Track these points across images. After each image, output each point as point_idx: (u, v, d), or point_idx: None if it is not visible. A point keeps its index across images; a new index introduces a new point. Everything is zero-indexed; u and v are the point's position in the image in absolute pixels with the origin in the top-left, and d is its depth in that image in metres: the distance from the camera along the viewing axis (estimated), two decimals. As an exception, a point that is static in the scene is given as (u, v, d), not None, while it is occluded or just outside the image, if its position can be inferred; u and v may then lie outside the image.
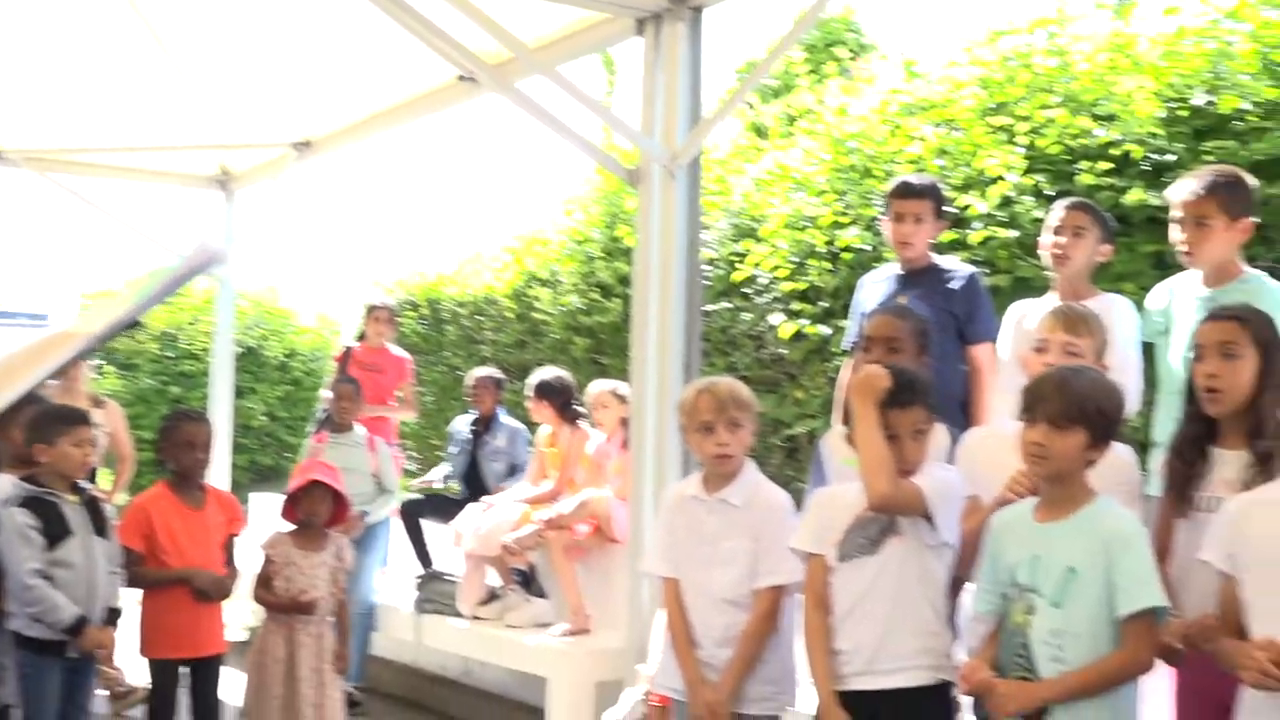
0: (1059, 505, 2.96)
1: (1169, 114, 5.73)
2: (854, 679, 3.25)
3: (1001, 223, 5.87)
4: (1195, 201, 3.97)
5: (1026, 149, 6.07)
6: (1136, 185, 5.50)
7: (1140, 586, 2.81)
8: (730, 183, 8.25)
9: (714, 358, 7.73)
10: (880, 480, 3.20)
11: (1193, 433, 3.12)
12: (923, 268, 4.82)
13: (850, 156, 7.00)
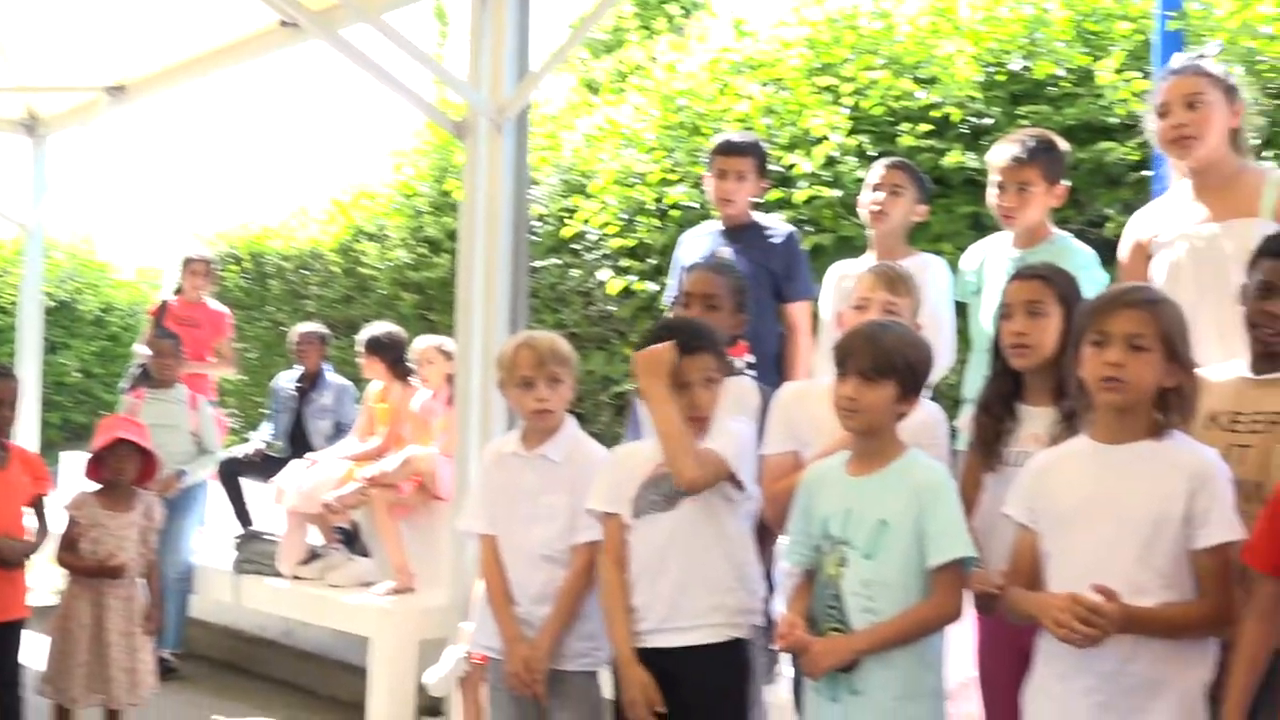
0: (871, 459, 3.00)
1: (987, 78, 5.84)
2: (649, 636, 3.27)
3: (826, 182, 5.93)
4: (1016, 166, 4.07)
5: (851, 110, 6.13)
6: (955, 147, 5.61)
7: (949, 537, 2.89)
8: (561, 138, 8.17)
9: (542, 314, 7.68)
10: (686, 465, 3.22)
11: (1000, 389, 3.19)
12: (743, 225, 4.86)
13: (679, 114, 6.99)
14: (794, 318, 4.81)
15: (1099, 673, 2.63)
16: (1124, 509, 2.66)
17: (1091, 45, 5.67)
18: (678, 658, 3.24)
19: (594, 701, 3.51)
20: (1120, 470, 2.69)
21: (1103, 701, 2.63)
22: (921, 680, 2.94)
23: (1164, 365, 2.65)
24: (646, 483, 3.32)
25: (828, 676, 2.92)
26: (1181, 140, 3.57)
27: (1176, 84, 3.57)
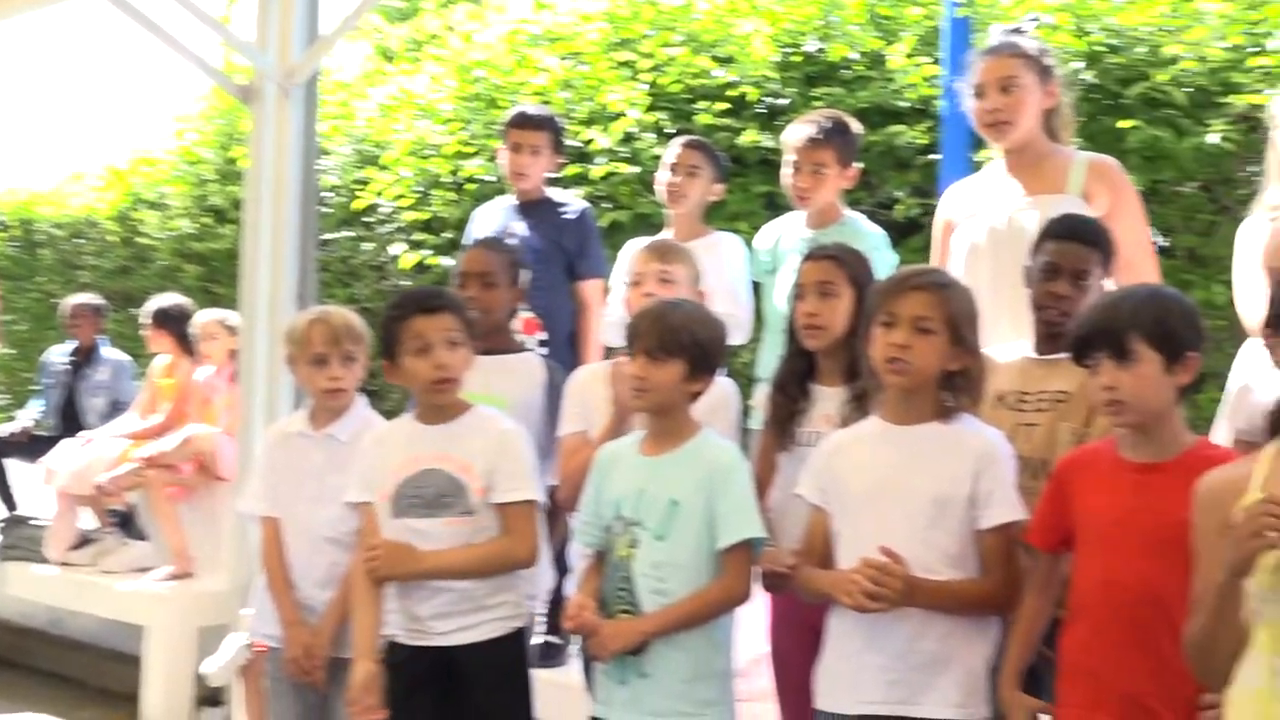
0: (664, 438, 2.98)
1: (783, 59, 5.88)
2: (431, 636, 3.17)
3: (624, 159, 5.90)
4: (811, 147, 4.09)
5: (649, 86, 6.11)
6: (751, 127, 5.64)
7: (739, 518, 2.88)
8: (354, 107, 7.96)
9: (333, 288, 7.48)
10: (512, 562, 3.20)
11: (794, 369, 3.21)
12: (536, 200, 4.79)
13: (476, 85, 6.87)
14: (586, 295, 4.77)
15: (889, 651, 2.67)
16: (911, 490, 2.70)
17: (884, 30, 5.77)
18: (460, 652, 3.16)
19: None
20: (908, 452, 2.73)
21: (893, 679, 2.67)
22: (711, 661, 2.94)
23: (950, 348, 2.69)
24: (407, 481, 3.18)
25: (616, 659, 2.90)
26: (996, 125, 3.63)
27: (991, 66, 3.61)
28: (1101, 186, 3.49)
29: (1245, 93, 4.72)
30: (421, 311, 3.16)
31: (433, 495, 3.14)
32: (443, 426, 3.20)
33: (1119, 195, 3.51)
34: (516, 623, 3.23)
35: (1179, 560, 2.38)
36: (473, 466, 3.14)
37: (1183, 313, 2.50)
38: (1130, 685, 2.43)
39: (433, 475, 3.15)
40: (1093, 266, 3.01)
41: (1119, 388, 2.45)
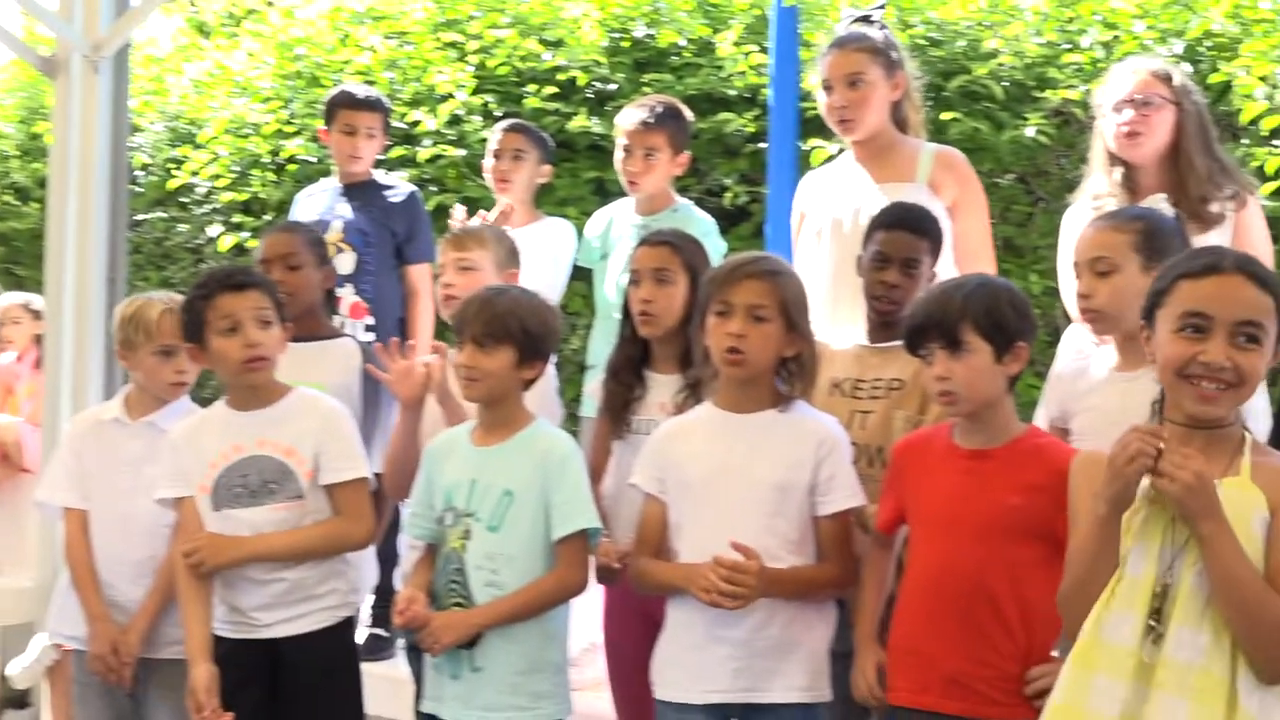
0: (496, 428, 2.94)
1: (612, 44, 5.87)
2: (257, 628, 3.08)
3: (451, 141, 5.81)
4: (644, 131, 4.08)
5: (476, 68, 6.04)
6: (580, 111, 5.62)
7: (574, 508, 2.86)
8: (167, 83, 7.66)
9: (147, 271, 7.22)
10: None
11: (629, 356, 3.21)
12: (362, 183, 4.69)
13: (297, 63, 6.68)
14: (415, 280, 4.68)
15: (733, 639, 2.69)
16: (750, 477, 2.72)
17: (712, 17, 5.80)
18: (287, 644, 3.07)
19: None
20: (746, 439, 2.75)
21: (739, 667, 2.69)
22: (545, 654, 2.91)
23: (784, 335, 2.72)
24: (228, 471, 3.08)
25: (449, 653, 2.85)
26: (843, 121, 3.64)
27: (838, 61, 3.62)
28: (948, 177, 3.54)
29: (1060, 88, 4.88)
30: (228, 289, 3.04)
31: (257, 483, 3.05)
32: (262, 411, 3.10)
33: (965, 187, 3.58)
34: (344, 612, 3.15)
35: (1007, 546, 2.47)
36: (298, 449, 3.05)
37: (1013, 303, 2.55)
38: (956, 667, 2.48)
39: (256, 462, 3.06)
40: (922, 255, 3.06)
41: (951, 378, 2.50)
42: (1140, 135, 3.41)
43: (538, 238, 4.40)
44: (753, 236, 5.38)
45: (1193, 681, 2.06)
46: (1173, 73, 3.50)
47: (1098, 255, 2.79)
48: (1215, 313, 2.11)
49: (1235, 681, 2.06)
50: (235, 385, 3.13)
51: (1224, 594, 2.04)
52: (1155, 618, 2.08)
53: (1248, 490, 2.09)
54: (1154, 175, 3.44)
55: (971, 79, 4.97)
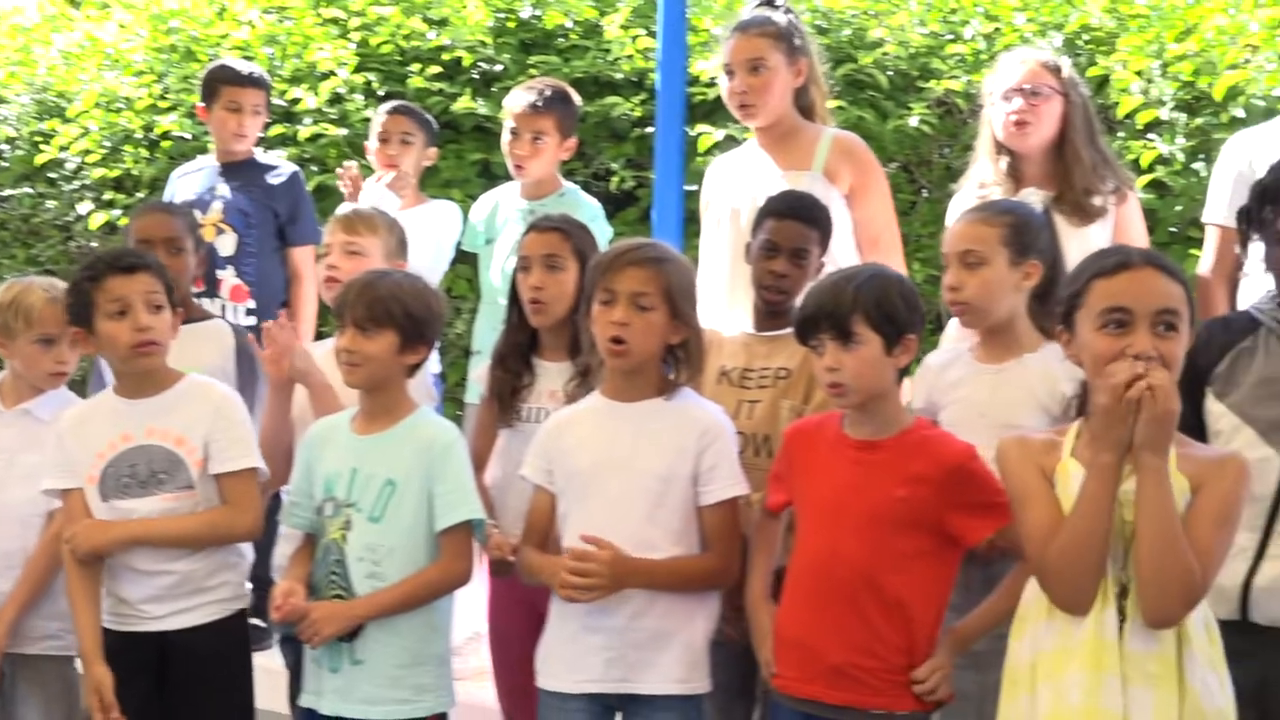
0: (378, 416, 2.89)
1: (498, 24, 5.81)
2: (146, 621, 3.00)
3: (332, 120, 5.70)
4: (532, 114, 4.07)
5: (359, 45, 5.94)
6: (465, 92, 5.55)
7: (457, 499, 2.82)
8: (36, 54, 7.39)
9: (13, 248, 6.99)
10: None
11: (516, 343, 3.17)
12: (241, 162, 4.62)
13: (171, 36, 6.49)
14: (298, 263, 4.63)
15: (609, 629, 2.68)
16: (634, 467, 2.71)
17: (599, 0, 5.77)
18: (177, 637, 2.99)
19: (67, 690, 3.18)
20: (631, 428, 2.73)
21: (612, 657, 2.68)
22: (428, 646, 2.87)
23: (669, 322, 2.70)
24: (116, 460, 2.99)
25: (329, 646, 2.80)
26: (744, 106, 3.63)
27: (740, 45, 3.60)
28: (845, 164, 3.55)
29: (943, 78, 4.93)
30: (118, 271, 2.96)
31: (146, 473, 2.97)
32: (152, 399, 3.01)
33: (864, 173, 3.58)
34: (237, 605, 3.08)
35: (892, 537, 2.49)
36: (188, 438, 2.97)
37: (903, 295, 2.56)
38: (842, 657, 2.49)
39: (145, 451, 2.98)
40: (811, 245, 3.05)
41: (841, 369, 2.50)
42: (1028, 125, 3.47)
43: (423, 220, 4.35)
44: (639, 221, 5.36)
45: (1151, 669, 2.15)
46: (1061, 64, 3.57)
47: (967, 248, 2.83)
48: (1134, 306, 2.18)
49: (1180, 659, 2.16)
50: (124, 372, 3.03)
51: (1146, 528, 2.12)
52: (1122, 614, 2.17)
53: (1174, 478, 2.17)
54: (1039, 165, 3.50)
55: (857, 68, 5.00)
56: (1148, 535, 2.12)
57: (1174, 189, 4.51)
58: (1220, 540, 2.18)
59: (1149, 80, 4.65)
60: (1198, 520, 2.15)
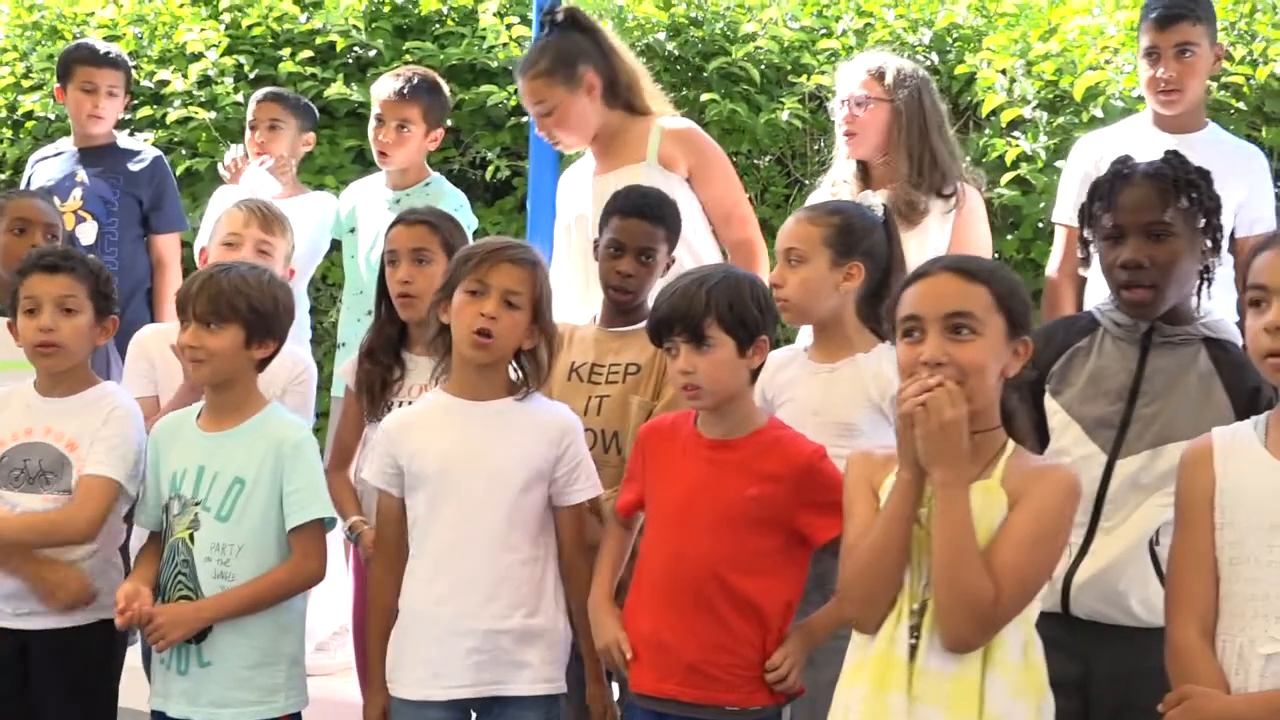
0: (226, 412, 2.84)
1: (372, 8, 5.74)
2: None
3: (202, 103, 5.60)
4: (398, 102, 4.04)
5: (229, 27, 5.84)
6: (339, 77, 5.49)
7: (308, 498, 2.79)
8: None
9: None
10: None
11: (385, 336, 3.16)
12: (102, 146, 4.54)
13: (35, 14, 6.32)
14: (163, 251, 4.57)
15: (475, 632, 2.65)
16: (492, 466, 2.69)
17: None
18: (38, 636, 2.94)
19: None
20: (484, 428, 2.71)
21: (483, 660, 2.65)
22: (278, 646, 2.82)
23: (530, 326, 2.70)
24: (13, 451, 2.95)
25: (177, 648, 2.75)
26: (557, 143, 3.67)
27: (525, 93, 3.57)
28: (678, 149, 3.51)
29: (814, 73, 4.95)
30: (40, 269, 2.98)
31: (36, 470, 2.94)
32: (60, 400, 2.99)
33: (700, 157, 3.54)
34: (103, 614, 2.96)
35: (745, 535, 2.49)
36: (80, 444, 2.94)
37: (755, 297, 2.56)
38: (696, 655, 2.49)
39: (39, 448, 2.95)
40: (658, 244, 3.04)
41: (695, 371, 2.50)
42: (854, 135, 3.54)
43: (300, 210, 4.28)
44: (516, 210, 5.35)
45: (946, 689, 2.11)
46: (887, 70, 3.58)
47: (790, 246, 2.86)
48: (923, 312, 2.16)
49: (982, 684, 2.11)
50: (38, 369, 3.02)
51: (936, 545, 2.07)
52: (915, 633, 2.13)
53: (993, 494, 2.13)
54: (883, 167, 3.55)
55: (730, 61, 5.01)
56: (937, 553, 2.08)
57: (1037, 186, 4.57)
58: (1033, 560, 2.11)
59: (1012, 79, 4.71)
60: (1005, 539, 2.10)
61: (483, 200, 5.37)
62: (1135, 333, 2.55)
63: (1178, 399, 2.49)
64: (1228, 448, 2.18)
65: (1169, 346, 2.53)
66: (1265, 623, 2.09)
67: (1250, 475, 2.14)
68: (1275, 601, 2.09)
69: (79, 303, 2.95)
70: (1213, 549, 2.16)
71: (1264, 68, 4.44)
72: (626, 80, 3.59)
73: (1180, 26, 3.55)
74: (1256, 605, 2.11)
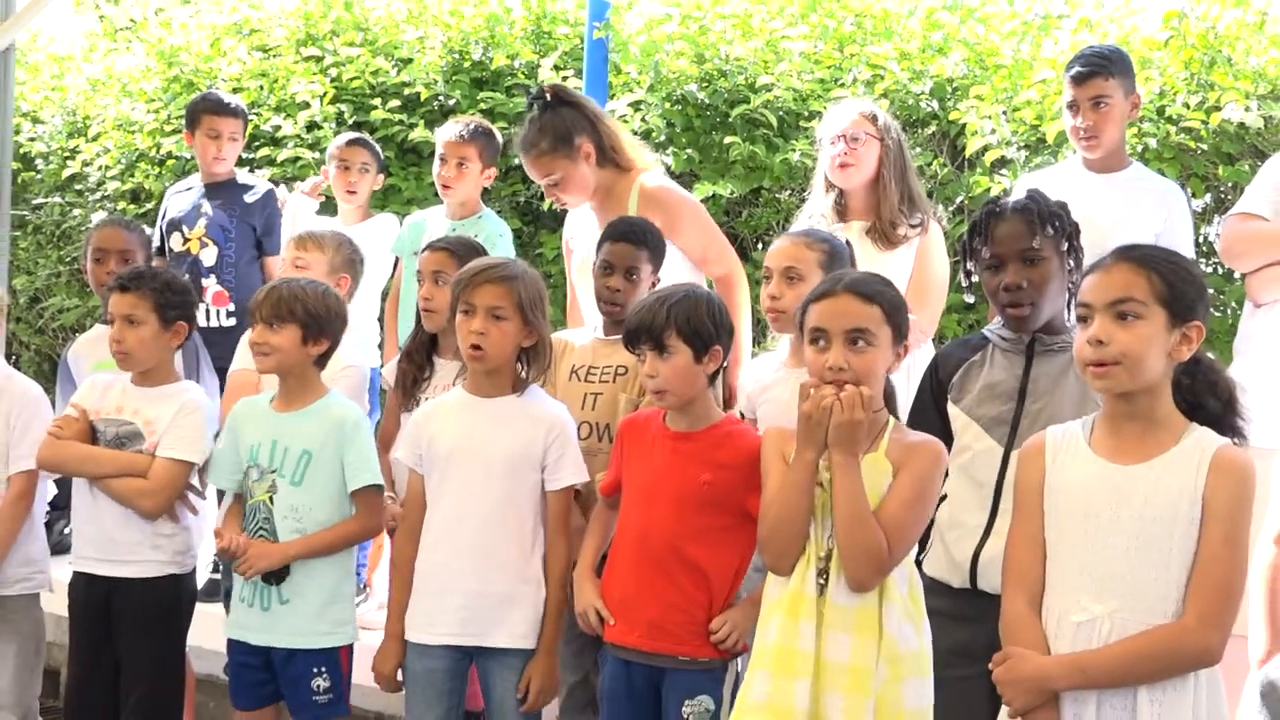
0: (294, 397, 3.10)
1: (453, 64, 5.98)
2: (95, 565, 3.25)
3: (309, 144, 5.90)
4: (458, 145, 4.24)
5: (333, 80, 6.12)
6: (421, 122, 5.71)
7: (364, 467, 3.03)
8: (68, 81, 7.62)
9: (47, 250, 7.20)
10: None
11: (420, 342, 3.39)
12: (224, 182, 4.79)
13: (175, 69, 6.68)
14: (272, 270, 4.77)
15: (465, 591, 2.84)
16: (488, 453, 2.85)
17: (539, 44, 5.92)
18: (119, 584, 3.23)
19: (36, 624, 3.39)
20: (487, 420, 2.87)
21: (466, 616, 2.84)
22: (341, 588, 3.08)
23: (522, 329, 2.85)
24: (107, 421, 3.27)
25: (260, 589, 3.01)
26: (563, 204, 3.75)
27: (528, 167, 3.62)
28: (651, 209, 3.52)
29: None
30: (116, 289, 3.24)
31: (120, 437, 3.24)
32: (144, 389, 3.30)
33: (667, 215, 3.51)
34: (172, 568, 3.27)
35: (700, 514, 2.68)
36: (154, 424, 3.25)
37: (710, 313, 2.70)
38: (655, 613, 2.67)
39: (125, 423, 3.26)
40: (642, 263, 3.16)
41: (659, 375, 2.66)
42: (850, 166, 3.65)
43: (369, 233, 4.60)
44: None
45: (853, 618, 2.35)
46: (878, 113, 3.73)
47: (790, 265, 3.01)
48: (828, 326, 2.39)
49: (881, 612, 2.36)
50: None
51: (839, 511, 2.31)
52: (823, 576, 2.37)
53: (880, 464, 2.39)
54: (860, 200, 3.69)
55: (750, 108, 5.15)
56: (840, 516, 2.32)
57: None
58: (914, 516, 2.34)
59: (995, 125, 4.83)
60: (891, 501, 2.33)
61: (548, 227, 5.55)
62: (1020, 345, 2.66)
63: (1059, 397, 2.58)
64: (1057, 444, 2.27)
65: (1049, 354, 2.64)
66: (1078, 596, 2.17)
67: (1073, 469, 2.23)
68: (1086, 578, 2.17)
69: (143, 315, 3.20)
70: (1042, 531, 2.24)
71: (1217, 114, 4.51)
72: (611, 142, 3.62)
73: (1095, 82, 3.60)
74: (1071, 581, 2.19)
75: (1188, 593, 2.11)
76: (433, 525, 2.90)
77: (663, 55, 5.41)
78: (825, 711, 2.33)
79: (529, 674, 2.84)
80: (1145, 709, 2.12)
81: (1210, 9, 4.80)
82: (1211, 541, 2.11)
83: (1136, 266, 2.18)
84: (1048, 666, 2.18)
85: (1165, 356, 2.17)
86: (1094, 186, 3.59)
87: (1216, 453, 2.14)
